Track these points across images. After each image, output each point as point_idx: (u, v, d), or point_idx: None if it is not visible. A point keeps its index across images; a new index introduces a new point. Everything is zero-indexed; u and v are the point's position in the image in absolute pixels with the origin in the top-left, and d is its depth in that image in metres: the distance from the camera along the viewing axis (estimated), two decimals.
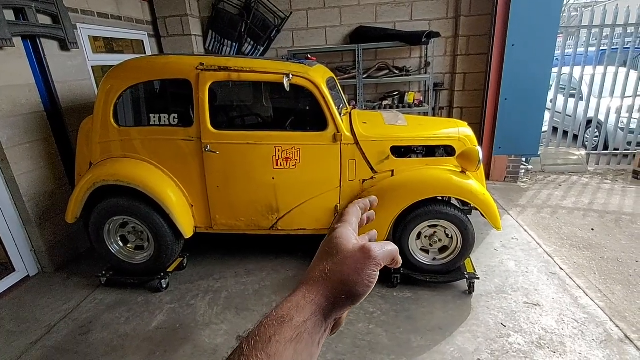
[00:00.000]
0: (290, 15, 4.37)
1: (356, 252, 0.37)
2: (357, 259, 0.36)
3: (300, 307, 0.33)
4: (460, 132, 2.57)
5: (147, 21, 4.15)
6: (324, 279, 0.36)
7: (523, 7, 3.61)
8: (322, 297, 0.35)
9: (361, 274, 0.35)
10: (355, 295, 0.35)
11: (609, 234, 3.12)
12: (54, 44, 2.84)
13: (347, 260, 0.36)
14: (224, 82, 2.40)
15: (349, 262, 0.36)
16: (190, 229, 2.55)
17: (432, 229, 2.45)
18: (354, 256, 0.36)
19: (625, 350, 1.91)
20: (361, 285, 0.35)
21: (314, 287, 0.35)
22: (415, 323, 2.14)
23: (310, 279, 0.37)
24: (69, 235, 2.99)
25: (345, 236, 0.39)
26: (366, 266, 0.36)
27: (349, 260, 0.36)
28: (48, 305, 2.48)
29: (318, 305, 0.34)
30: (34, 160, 2.71)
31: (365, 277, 0.35)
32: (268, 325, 0.32)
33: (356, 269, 0.35)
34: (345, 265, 0.36)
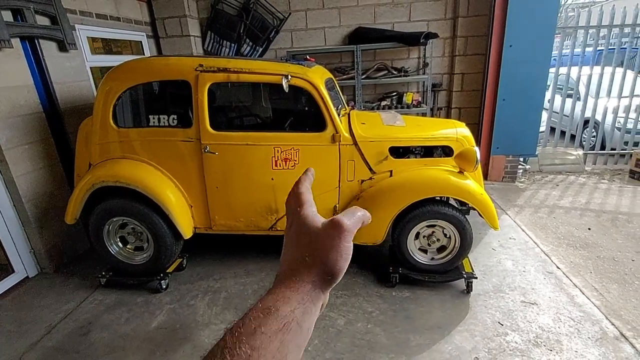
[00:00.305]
0: (289, 16, 4.39)
1: (327, 228, 0.36)
2: (331, 235, 0.36)
3: (286, 297, 0.33)
4: (458, 133, 2.59)
5: (146, 22, 4.16)
6: (305, 265, 0.35)
7: (520, 8, 3.63)
8: (308, 284, 0.34)
9: (339, 250, 0.35)
10: (338, 272, 0.35)
11: (605, 233, 3.15)
12: (52, 45, 2.84)
13: (322, 239, 0.36)
14: (223, 83, 2.41)
15: (325, 240, 0.36)
16: (190, 230, 2.56)
17: (431, 229, 2.46)
18: (327, 234, 0.36)
19: (620, 347, 1.93)
20: (341, 261, 0.35)
21: (298, 276, 0.35)
22: (413, 322, 2.16)
23: (290, 268, 0.36)
24: (68, 236, 2.99)
25: (311, 217, 0.38)
26: (341, 240, 0.35)
27: (324, 239, 0.36)
28: (48, 305, 2.49)
29: (305, 292, 0.34)
30: (33, 162, 2.72)
31: (344, 252, 0.35)
32: (253, 317, 0.31)
33: (332, 245, 0.35)
34: (321, 245, 0.36)
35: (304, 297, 0.33)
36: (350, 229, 0.36)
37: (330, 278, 0.35)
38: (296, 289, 0.34)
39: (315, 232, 0.37)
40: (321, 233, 0.36)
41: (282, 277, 0.36)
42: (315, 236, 0.36)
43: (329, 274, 0.35)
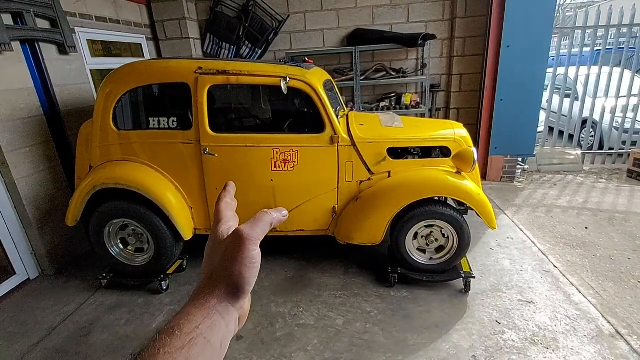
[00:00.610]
0: (287, 18, 4.41)
1: (230, 241, 0.36)
2: (232, 247, 0.35)
3: (191, 314, 0.33)
4: (455, 133, 2.61)
5: (146, 24, 4.18)
6: (211, 282, 0.35)
7: (518, 9, 3.66)
8: (213, 299, 0.34)
9: (241, 260, 0.35)
10: (244, 282, 0.35)
11: (602, 232, 3.17)
12: (52, 48, 2.87)
13: (224, 252, 0.36)
14: (223, 86, 2.43)
15: (227, 253, 0.35)
16: (190, 231, 2.58)
17: (429, 229, 2.49)
18: (228, 246, 0.36)
19: (615, 345, 1.95)
20: (245, 270, 0.35)
21: (204, 292, 0.35)
22: (412, 322, 2.18)
23: (200, 286, 0.36)
24: (69, 238, 3.01)
25: (222, 233, 0.39)
26: (243, 250, 0.35)
27: (227, 252, 0.35)
28: (49, 307, 2.50)
29: (210, 307, 0.34)
30: (34, 164, 2.74)
31: (247, 261, 0.35)
32: (158, 339, 0.31)
33: (235, 257, 0.35)
34: (224, 258, 0.35)
35: (210, 312, 0.33)
36: (251, 237, 0.35)
37: (236, 290, 0.35)
38: (201, 304, 0.34)
39: (220, 245, 0.37)
40: (225, 245, 0.36)
41: (192, 296, 0.36)
42: (219, 249, 0.37)
43: (234, 287, 0.35)
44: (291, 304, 2.39)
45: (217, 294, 0.34)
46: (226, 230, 0.39)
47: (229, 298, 0.35)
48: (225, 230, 0.39)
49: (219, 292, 0.35)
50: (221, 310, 0.34)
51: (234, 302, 0.35)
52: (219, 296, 0.34)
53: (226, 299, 0.35)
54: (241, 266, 0.35)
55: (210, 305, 0.34)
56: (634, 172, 4.44)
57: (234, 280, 0.35)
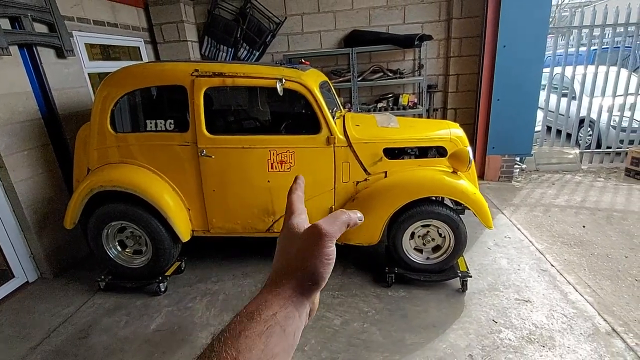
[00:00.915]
0: (285, 20, 4.43)
1: (308, 235, 0.37)
2: (311, 242, 0.36)
3: (269, 301, 0.34)
4: (451, 133, 2.62)
5: (144, 28, 4.20)
6: (286, 272, 0.36)
7: (513, 9, 3.68)
8: (288, 289, 0.35)
9: (318, 255, 0.35)
10: (319, 277, 0.36)
11: (600, 230, 3.18)
12: (50, 51, 2.88)
13: (303, 246, 0.37)
14: (219, 88, 2.45)
15: (304, 246, 0.36)
16: (188, 233, 2.59)
17: (425, 229, 2.49)
18: (306, 239, 0.37)
19: (611, 342, 1.96)
20: (321, 266, 0.35)
21: (280, 282, 0.36)
22: (409, 321, 2.19)
23: (275, 276, 0.37)
24: (67, 241, 3.02)
25: (297, 225, 0.40)
26: (320, 246, 0.36)
27: (303, 245, 0.37)
28: (48, 310, 2.51)
29: (286, 297, 0.35)
30: (32, 167, 2.75)
31: (323, 256, 0.36)
32: (238, 322, 0.32)
33: (312, 251, 0.36)
34: (301, 251, 0.36)
35: (286, 302, 0.34)
36: (330, 234, 0.36)
37: (310, 284, 0.36)
38: (277, 293, 0.35)
39: (297, 239, 0.38)
40: (302, 239, 0.37)
41: (267, 283, 0.37)
42: (296, 242, 0.38)
43: (309, 280, 0.36)
44: None
45: (292, 286, 0.35)
46: (300, 222, 0.40)
47: (303, 290, 0.35)
48: (299, 223, 0.40)
49: (294, 284, 0.35)
50: (295, 302, 0.35)
51: (307, 295, 0.36)
52: (294, 288, 0.35)
53: (300, 291, 0.35)
54: (318, 261, 0.35)
55: (286, 295, 0.35)
56: (632, 170, 4.45)
57: (310, 274, 0.35)
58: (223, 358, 0.30)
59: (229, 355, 0.30)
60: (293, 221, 0.40)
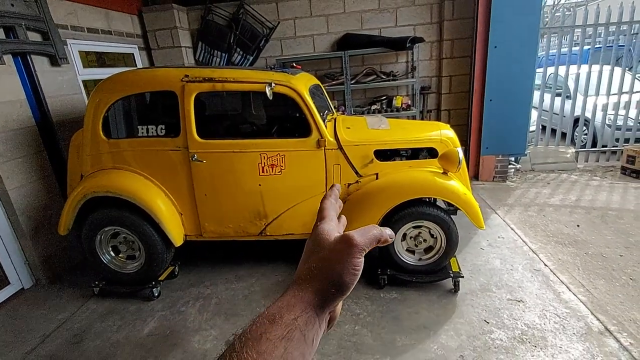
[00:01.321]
0: (277, 24, 4.47)
1: (338, 243, 0.37)
2: (340, 250, 0.36)
3: (291, 305, 0.34)
4: (442, 134, 2.63)
5: (138, 34, 4.24)
6: (311, 276, 0.36)
7: (503, 10, 3.70)
8: (311, 294, 0.35)
9: (346, 264, 0.35)
10: (344, 286, 0.35)
11: (595, 229, 3.17)
12: (44, 60, 2.92)
13: (331, 253, 0.37)
14: (210, 93, 2.47)
15: (333, 254, 0.36)
16: (180, 238, 2.60)
17: (417, 230, 2.50)
18: (336, 248, 0.37)
19: (604, 342, 1.95)
20: (347, 275, 0.35)
21: (303, 285, 0.36)
22: (400, 323, 2.19)
23: (299, 279, 0.37)
24: (62, 247, 3.03)
25: (327, 231, 0.39)
26: (350, 255, 0.36)
27: (332, 253, 0.36)
28: (42, 316, 2.52)
29: (308, 302, 0.34)
30: (26, 174, 2.77)
31: (351, 266, 0.35)
32: (259, 323, 0.32)
33: (340, 259, 0.36)
34: (329, 258, 0.36)
35: (307, 307, 0.34)
36: (361, 246, 0.36)
37: (334, 291, 0.35)
38: (300, 297, 0.35)
39: (327, 245, 0.38)
40: (332, 247, 0.37)
41: (291, 286, 0.37)
42: (325, 249, 0.37)
43: (334, 287, 0.35)
44: None
45: (316, 291, 0.35)
46: (331, 230, 0.40)
47: (326, 297, 0.35)
48: (330, 231, 0.40)
49: (317, 290, 0.35)
50: (317, 308, 0.35)
51: (330, 303, 0.36)
52: (317, 293, 0.35)
53: (323, 298, 0.35)
54: (345, 270, 0.35)
55: (309, 300, 0.35)
56: (628, 169, 4.44)
57: (335, 281, 0.35)
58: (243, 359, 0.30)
59: (249, 357, 0.30)
60: (324, 227, 0.40)
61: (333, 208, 0.44)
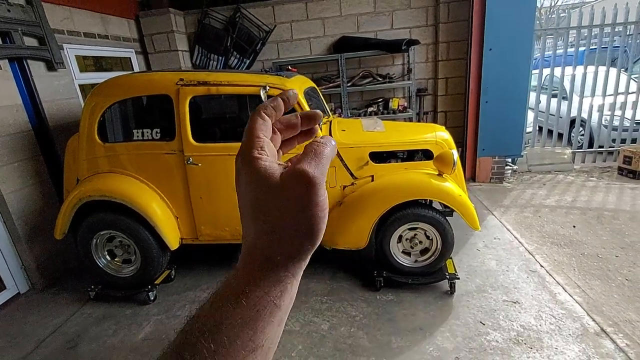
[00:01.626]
0: (274, 28, 4.49)
1: (292, 185, 0.29)
2: (298, 194, 0.28)
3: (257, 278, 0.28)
4: (437, 136, 2.64)
5: (134, 39, 4.26)
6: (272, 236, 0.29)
7: (497, 13, 3.73)
8: (282, 258, 0.29)
9: (311, 209, 0.28)
10: (316, 234, 0.29)
11: (591, 230, 3.17)
12: (40, 64, 2.93)
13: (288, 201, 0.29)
14: (205, 96, 2.48)
15: (291, 202, 0.28)
16: (176, 241, 2.60)
17: (412, 232, 2.50)
18: (291, 191, 0.29)
19: (600, 343, 1.95)
20: (316, 220, 0.29)
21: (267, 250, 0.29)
22: (396, 325, 2.18)
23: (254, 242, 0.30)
24: (58, 252, 3.03)
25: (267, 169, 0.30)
26: (311, 196, 0.28)
27: (289, 201, 0.29)
28: (38, 320, 2.51)
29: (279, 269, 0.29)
30: (23, 179, 2.77)
31: (317, 209, 0.29)
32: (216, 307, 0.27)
33: (303, 206, 0.28)
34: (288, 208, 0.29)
35: (281, 276, 0.29)
36: (320, 179, 0.29)
37: (308, 244, 0.29)
38: (267, 266, 0.29)
39: (277, 190, 0.29)
40: (285, 191, 0.29)
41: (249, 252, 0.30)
42: (277, 195, 0.29)
43: (305, 240, 0.29)
44: None
45: (285, 253, 0.29)
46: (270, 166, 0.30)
47: (299, 254, 0.30)
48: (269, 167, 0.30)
49: (287, 250, 0.29)
50: (292, 271, 0.30)
51: (305, 258, 0.30)
52: (287, 254, 0.29)
53: (296, 256, 0.29)
54: (312, 215, 0.29)
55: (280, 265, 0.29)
56: (624, 169, 4.45)
57: (306, 234, 0.29)
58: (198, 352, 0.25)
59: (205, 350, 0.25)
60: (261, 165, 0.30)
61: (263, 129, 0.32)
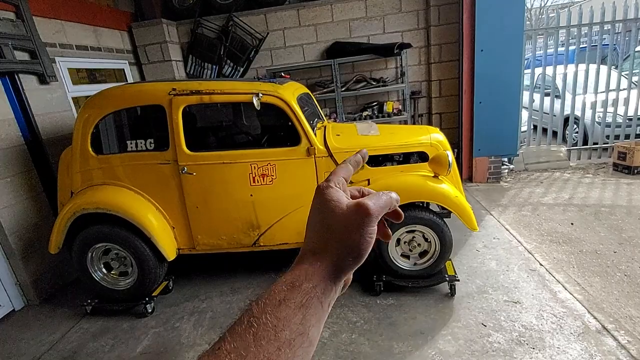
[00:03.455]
0: (267, 35, 4.51)
1: (352, 212, 0.37)
2: (355, 220, 0.36)
3: (309, 274, 0.35)
4: (432, 138, 2.64)
5: (128, 50, 4.27)
6: (326, 246, 0.37)
7: (487, 15, 3.76)
8: (328, 264, 0.36)
9: (362, 233, 0.36)
10: (360, 254, 0.36)
11: (588, 227, 3.18)
12: (32, 78, 2.92)
13: (345, 223, 0.36)
14: (199, 104, 2.47)
15: (348, 224, 0.36)
16: (173, 252, 2.57)
17: (411, 235, 2.49)
18: (350, 217, 0.37)
19: (602, 341, 1.94)
20: (364, 243, 0.36)
21: (319, 255, 0.36)
22: (397, 329, 2.16)
23: (312, 248, 0.37)
24: (54, 266, 2.99)
25: (337, 198, 0.39)
26: (365, 224, 0.36)
27: (347, 223, 0.36)
28: (34, 337, 2.47)
29: (326, 271, 0.35)
30: (16, 194, 2.74)
31: (366, 235, 0.36)
32: (278, 290, 0.33)
33: (357, 229, 0.36)
34: (344, 229, 0.36)
35: (325, 276, 0.35)
36: (375, 214, 0.37)
37: (351, 260, 0.36)
38: (318, 266, 0.35)
39: (339, 214, 0.37)
40: (346, 216, 0.37)
41: (306, 255, 0.37)
42: (338, 218, 0.37)
43: (350, 256, 0.36)
44: None
45: (333, 260, 0.36)
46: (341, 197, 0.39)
47: (343, 265, 0.36)
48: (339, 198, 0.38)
49: (335, 259, 0.36)
50: (334, 276, 0.36)
51: (346, 271, 0.36)
52: (334, 262, 0.36)
53: (340, 266, 0.36)
54: (361, 238, 0.36)
55: (326, 269, 0.35)
56: (619, 165, 4.48)
57: (351, 250, 0.36)
58: (262, 324, 0.30)
59: (269, 322, 0.31)
60: (332, 194, 0.39)
61: (345, 172, 0.43)
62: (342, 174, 0.42)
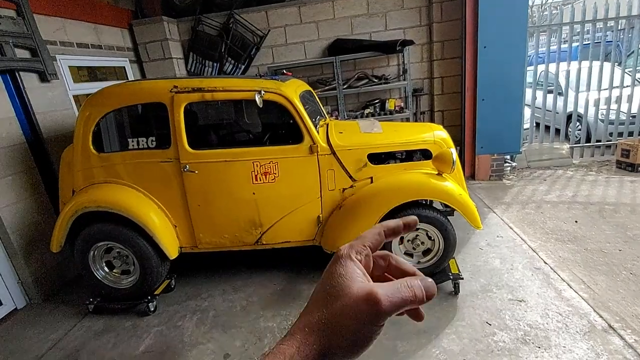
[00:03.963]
0: (268, 32, 4.49)
1: (360, 300, 0.31)
2: (359, 310, 0.31)
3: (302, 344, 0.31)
4: (435, 136, 2.62)
5: (128, 48, 4.25)
6: (320, 329, 0.32)
7: (490, 11, 3.73)
8: (316, 353, 0.31)
9: (363, 329, 0.31)
10: (353, 351, 0.32)
11: (593, 224, 3.15)
12: (33, 76, 2.90)
13: (349, 310, 0.31)
14: (199, 102, 2.45)
15: (351, 312, 0.31)
16: (175, 250, 2.56)
17: (414, 233, 2.47)
18: (356, 306, 0.31)
19: (608, 340, 1.92)
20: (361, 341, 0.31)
21: (310, 338, 0.32)
22: (400, 328, 2.14)
23: (305, 326, 0.33)
24: (56, 265, 2.98)
25: (350, 274, 0.33)
26: (370, 320, 0.31)
27: (350, 311, 0.31)
28: (36, 335, 2.47)
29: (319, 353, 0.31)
30: (17, 192, 2.73)
31: (368, 332, 0.31)
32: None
33: (358, 321, 0.31)
34: (345, 315, 0.31)
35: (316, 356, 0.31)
36: (386, 311, 0.31)
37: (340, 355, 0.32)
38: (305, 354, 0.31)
39: (346, 296, 0.32)
40: (352, 302, 0.31)
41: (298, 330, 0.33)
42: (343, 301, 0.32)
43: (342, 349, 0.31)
44: (280, 318, 2.36)
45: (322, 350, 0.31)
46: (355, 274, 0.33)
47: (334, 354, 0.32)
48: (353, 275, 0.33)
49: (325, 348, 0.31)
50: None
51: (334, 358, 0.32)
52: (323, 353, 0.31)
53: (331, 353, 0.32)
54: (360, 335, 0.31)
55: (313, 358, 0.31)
56: (623, 162, 4.45)
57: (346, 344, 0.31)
58: None
59: None
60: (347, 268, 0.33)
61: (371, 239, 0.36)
62: (370, 241, 0.36)
